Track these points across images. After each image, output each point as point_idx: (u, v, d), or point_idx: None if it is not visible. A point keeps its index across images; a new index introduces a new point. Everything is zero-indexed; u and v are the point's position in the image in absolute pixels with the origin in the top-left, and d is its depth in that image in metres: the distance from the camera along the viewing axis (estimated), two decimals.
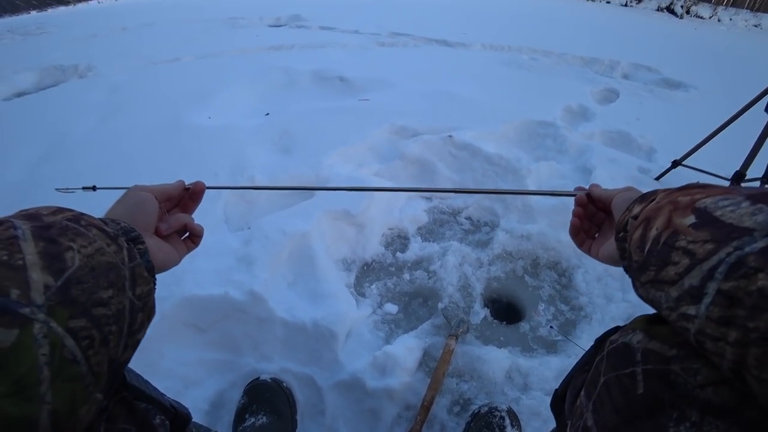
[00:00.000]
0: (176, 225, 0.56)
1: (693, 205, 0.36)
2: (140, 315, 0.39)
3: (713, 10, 8.74)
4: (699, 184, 0.42)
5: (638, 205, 0.46)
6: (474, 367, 1.14)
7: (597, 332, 1.27)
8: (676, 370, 0.33)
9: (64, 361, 0.29)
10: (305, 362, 1.12)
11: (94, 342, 0.32)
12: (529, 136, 2.22)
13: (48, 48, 4.46)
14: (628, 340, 0.40)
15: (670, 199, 0.40)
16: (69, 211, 0.39)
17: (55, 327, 0.29)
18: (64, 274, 0.31)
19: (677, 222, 0.36)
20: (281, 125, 2.13)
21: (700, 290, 0.31)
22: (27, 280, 0.29)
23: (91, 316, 0.32)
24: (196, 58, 3.72)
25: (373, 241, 1.52)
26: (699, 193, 0.37)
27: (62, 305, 0.30)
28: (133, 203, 0.51)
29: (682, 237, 0.34)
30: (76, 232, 0.35)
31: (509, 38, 4.34)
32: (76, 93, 3.06)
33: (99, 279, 0.34)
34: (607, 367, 0.41)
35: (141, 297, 0.40)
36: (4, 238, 0.31)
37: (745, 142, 1.59)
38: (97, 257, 0.35)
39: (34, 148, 2.15)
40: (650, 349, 0.36)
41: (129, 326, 0.37)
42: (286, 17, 5.44)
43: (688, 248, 0.33)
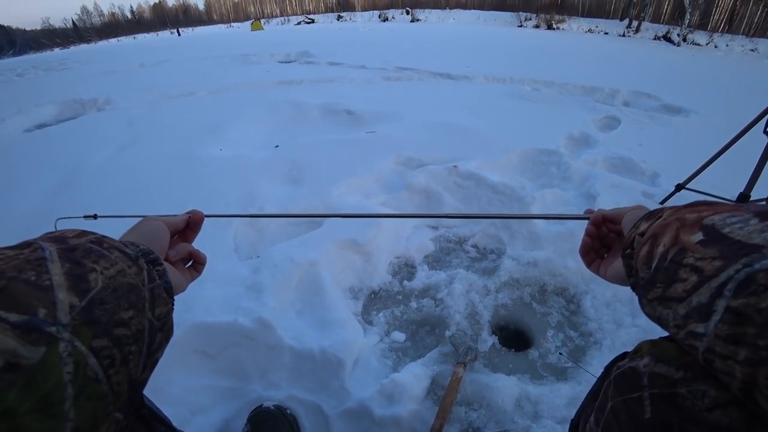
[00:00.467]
0: (183, 252, 0.58)
1: (700, 222, 0.36)
2: (159, 335, 0.41)
3: (709, 37, 8.95)
4: (706, 201, 0.42)
5: (645, 222, 0.46)
6: (483, 395, 1.13)
7: (608, 358, 1.26)
8: (683, 393, 0.33)
9: (87, 380, 0.30)
10: (312, 390, 1.12)
11: (115, 361, 0.33)
12: (532, 165, 2.26)
13: (69, 83, 4.69)
14: (635, 364, 0.40)
15: (677, 216, 0.40)
16: (92, 234, 0.41)
17: (80, 346, 0.30)
18: (88, 294, 0.33)
19: (684, 239, 0.36)
20: (290, 157, 2.20)
21: (709, 307, 0.30)
22: (54, 299, 0.30)
23: (113, 336, 0.33)
24: (209, 93, 3.88)
25: (380, 269, 1.54)
26: (706, 210, 0.37)
27: (86, 325, 0.31)
28: (147, 231, 0.53)
29: (689, 254, 0.34)
30: (99, 254, 0.37)
31: (511, 70, 4.48)
32: (93, 125, 3.19)
33: (120, 300, 0.35)
34: (614, 391, 0.41)
35: (160, 317, 0.41)
36: (33, 259, 0.33)
37: (747, 164, 1.61)
38: (118, 279, 0.37)
39: (51, 177, 2.23)
40: (656, 373, 0.36)
41: (148, 346, 0.38)
42: (296, 54, 5.67)
43: (696, 265, 0.33)
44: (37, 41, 9.73)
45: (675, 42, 8.70)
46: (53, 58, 7.10)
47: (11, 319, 0.27)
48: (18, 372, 0.26)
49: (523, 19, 22.63)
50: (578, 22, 20.88)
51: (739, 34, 9.19)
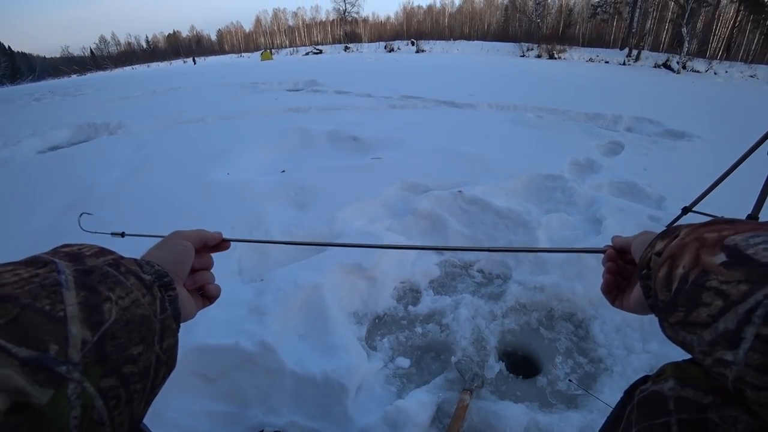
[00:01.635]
0: (200, 281, 0.56)
1: (722, 242, 0.34)
2: (163, 369, 0.39)
3: (709, 65, 9.10)
4: (725, 219, 0.40)
5: (661, 241, 0.44)
6: (490, 424, 1.09)
7: (619, 385, 1.23)
8: (714, 419, 0.31)
9: (93, 424, 0.29)
10: (314, 416, 1.09)
11: (120, 402, 0.32)
12: (537, 190, 2.27)
13: (83, 107, 4.84)
14: (659, 388, 0.38)
15: (695, 235, 0.38)
16: (110, 253, 0.40)
17: (88, 387, 0.29)
18: (101, 328, 0.31)
19: (706, 260, 0.34)
20: (297, 182, 2.23)
21: (737, 335, 0.28)
22: (66, 335, 0.29)
23: (121, 375, 0.32)
24: (218, 119, 3.98)
25: (384, 294, 1.53)
26: (726, 229, 0.36)
27: (97, 363, 0.30)
28: (174, 251, 0.50)
29: (712, 276, 0.32)
30: (116, 280, 0.36)
31: (514, 98, 4.56)
32: (105, 148, 3.27)
33: (132, 334, 0.34)
34: (638, 417, 0.39)
35: (167, 350, 0.39)
36: (48, 284, 0.31)
37: (754, 185, 1.60)
38: (132, 310, 0.35)
39: (61, 197, 2.27)
40: (684, 397, 0.35)
41: (152, 381, 0.37)
42: (304, 82, 5.84)
43: (720, 289, 0.31)
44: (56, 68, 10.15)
45: (675, 69, 8.85)
46: (70, 84, 7.36)
47: (21, 355, 0.26)
48: (24, 414, 0.25)
49: (525, 50, 23.23)
50: (579, 52, 21.40)
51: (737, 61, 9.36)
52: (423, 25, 56.16)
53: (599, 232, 1.81)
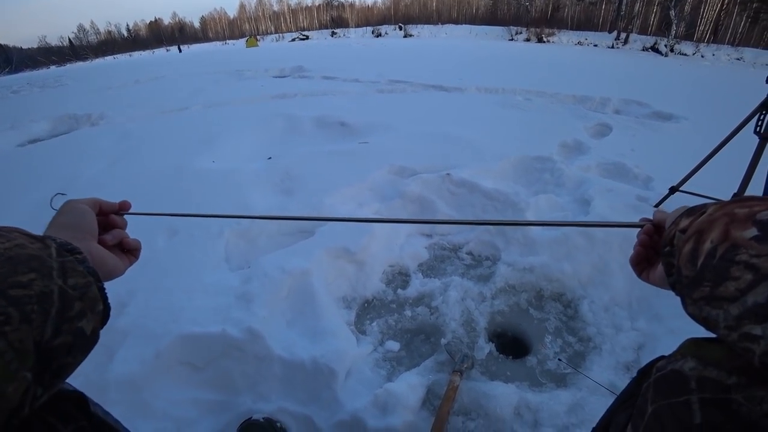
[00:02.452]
0: (118, 236, 0.59)
1: (753, 217, 0.34)
2: (77, 303, 0.40)
3: (696, 47, 9.14)
4: (755, 196, 0.39)
5: (686, 218, 0.44)
6: (480, 404, 1.10)
7: (608, 363, 1.24)
8: (739, 399, 0.31)
9: None
10: (304, 402, 1.09)
11: (11, 319, 0.33)
12: (526, 171, 2.26)
13: (64, 99, 4.70)
14: (679, 367, 0.37)
15: (725, 211, 0.38)
16: None
17: None
18: None
19: (736, 235, 0.34)
20: (283, 168, 2.19)
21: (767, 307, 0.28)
22: None
23: (7, 296, 0.33)
24: (203, 107, 3.89)
25: (373, 278, 1.51)
26: (758, 205, 0.35)
27: None
28: (73, 213, 0.53)
29: (742, 250, 0.32)
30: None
31: (503, 81, 4.53)
32: (87, 139, 3.18)
33: (18, 266, 0.36)
34: (655, 395, 0.38)
35: (76, 287, 0.40)
36: None
37: (739, 165, 1.62)
38: (15, 250, 0.37)
39: (43, 190, 2.21)
40: (706, 377, 0.34)
41: (61, 310, 0.37)
42: (290, 69, 5.73)
43: (751, 263, 0.31)
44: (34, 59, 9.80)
45: (663, 52, 8.87)
46: (49, 76, 7.14)
47: None
48: None
49: (513, 33, 23.06)
50: (568, 35, 21.32)
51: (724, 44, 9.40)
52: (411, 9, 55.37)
53: (587, 212, 1.81)
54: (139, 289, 1.33)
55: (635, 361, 1.25)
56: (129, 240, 0.61)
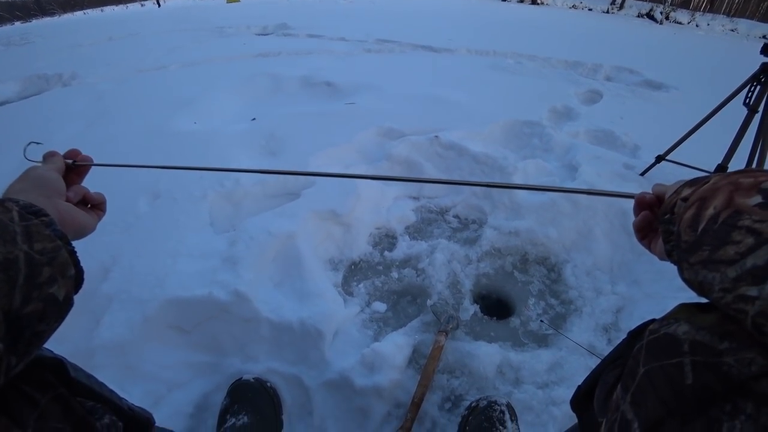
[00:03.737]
0: (80, 193, 0.58)
1: (758, 185, 0.35)
2: (46, 269, 0.38)
3: (691, 16, 8.99)
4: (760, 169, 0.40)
5: (688, 187, 0.44)
6: (464, 363, 1.13)
7: (587, 324, 1.27)
8: (729, 361, 0.32)
9: None
10: (292, 362, 1.10)
11: None
12: (515, 136, 2.24)
13: (32, 58, 4.42)
14: (672, 330, 0.37)
15: (729, 180, 0.38)
16: None
17: None
18: None
19: (740, 201, 0.35)
20: (268, 129, 2.12)
21: (766, 270, 0.29)
22: None
23: None
24: (182, 66, 3.71)
25: (360, 240, 1.51)
26: (763, 175, 0.36)
27: None
28: (37, 176, 0.51)
29: (746, 216, 0.33)
30: None
31: (494, 43, 4.40)
32: (59, 101, 3.02)
33: None
34: (647, 357, 0.39)
35: (44, 252, 0.39)
36: None
37: (726, 136, 1.62)
38: None
39: (15, 154, 2.10)
40: (699, 341, 0.35)
41: (28, 277, 0.36)
42: (273, 26, 5.46)
43: (753, 227, 0.32)
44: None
45: (658, 20, 8.71)
46: (13, 32, 6.67)
47: None
48: None
49: None
50: None
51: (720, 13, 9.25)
52: None
53: (574, 178, 1.82)
54: (123, 254, 1.30)
55: (614, 324, 1.29)
56: (91, 194, 0.59)
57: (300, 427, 1.03)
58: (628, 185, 1.82)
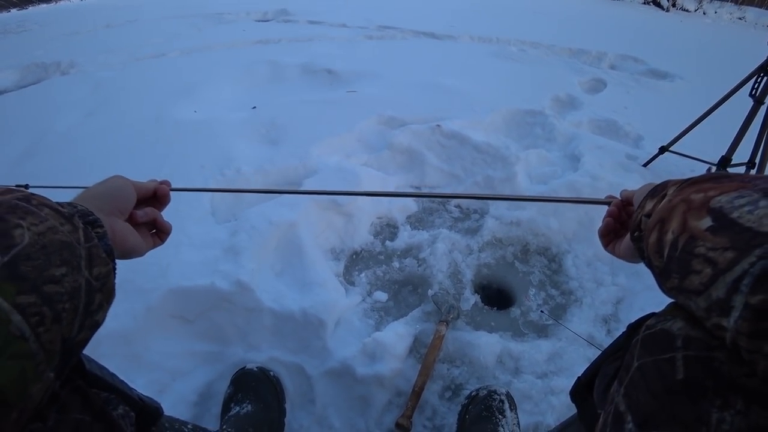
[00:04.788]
0: (151, 215, 0.57)
1: (707, 204, 0.34)
2: (98, 296, 0.38)
3: (698, 3, 8.82)
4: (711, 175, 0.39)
5: (650, 201, 0.45)
6: (465, 353, 1.14)
7: (587, 315, 1.28)
8: (721, 357, 0.32)
9: (12, 338, 0.28)
10: (294, 351, 1.11)
11: (45, 319, 0.31)
12: (517, 125, 2.22)
13: (29, 46, 4.36)
14: (668, 327, 0.37)
15: (682, 197, 0.38)
16: (19, 191, 0.38)
17: (1, 303, 0.28)
18: (11, 250, 0.31)
19: (693, 225, 0.34)
20: (268, 117, 2.11)
21: (727, 303, 0.29)
22: None
23: (42, 293, 0.31)
24: (181, 54, 3.66)
25: (361, 230, 1.51)
26: (712, 189, 0.35)
27: (9, 280, 0.29)
28: (115, 186, 0.51)
29: (700, 243, 0.33)
30: (27, 210, 0.35)
31: (497, 30, 4.34)
32: (58, 90, 2.99)
33: (51, 257, 0.33)
34: (642, 351, 0.39)
35: (99, 278, 0.39)
36: None
37: (731, 128, 1.61)
38: (48, 235, 0.34)
39: (14, 144, 2.10)
40: (692, 336, 0.35)
41: (86, 306, 0.36)
42: (273, 12, 5.38)
43: (708, 256, 0.31)
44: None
45: (664, 7, 8.55)
46: (10, 20, 6.58)
47: None
48: None
49: None
50: None
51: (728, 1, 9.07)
52: None
53: (576, 168, 1.81)
54: None
55: (613, 315, 1.30)
56: (161, 221, 0.59)
57: (302, 415, 1.04)
58: (631, 176, 1.81)
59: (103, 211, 0.47)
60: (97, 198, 0.48)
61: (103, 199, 0.48)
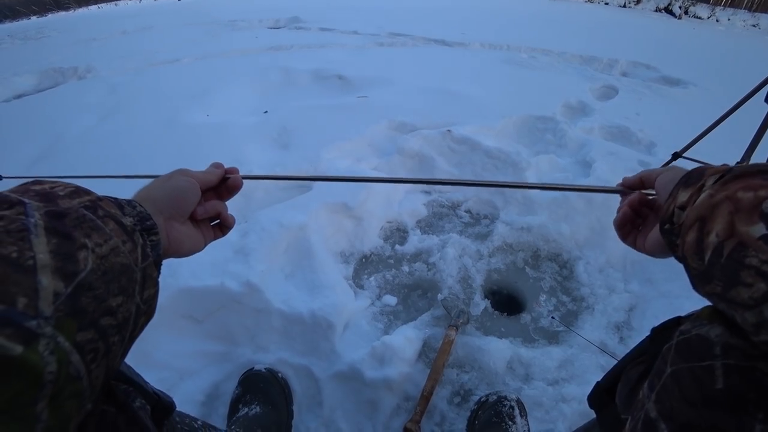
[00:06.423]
0: (212, 211, 0.54)
1: (759, 206, 0.30)
2: (143, 318, 0.37)
3: (711, 11, 8.75)
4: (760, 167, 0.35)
5: (683, 190, 0.40)
6: (475, 358, 1.12)
7: (599, 322, 1.26)
8: (764, 368, 0.30)
9: (69, 379, 0.27)
10: (302, 353, 1.11)
11: (98, 355, 0.30)
12: (528, 131, 2.21)
13: (47, 51, 4.48)
14: (705, 332, 0.35)
15: (727, 193, 0.34)
16: (86, 193, 0.36)
17: (63, 342, 0.27)
18: (75, 279, 0.29)
19: (742, 230, 0.30)
20: (280, 122, 2.13)
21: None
22: (36, 286, 0.26)
23: (99, 328, 0.30)
24: (195, 59, 3.73)
25: (371, 233, 1.51)
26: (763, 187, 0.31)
27: (71, 316, 0.28)
28: (177, 188, 0.49)
29: (752, 252, 0.29)
30: (93, 225, 0.33)
31: (508, 38, 4.34)
32: (74, 94, 3.06)
33: (110, 285, 0.32)
34: (676, 357, 0.37)
35: (147, 300, 0.38)
36: (15, 229, 0.28)
37: (746, 134, 1.58)
38: (110, 258, 0.33)
39: (31, 146, 2.15)
40: (732, 345, 0.33)
41: (131, 332, 0.35)
42: (285, 19, 5.46)
43: (762, 270, 0.28)
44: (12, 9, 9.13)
45: (676, 15, 8.49)
46: (30, 27, 6.77)
47: None
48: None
49: None
50: None
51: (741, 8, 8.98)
52: None
53: (588, 174, 1.79)
54: None
55: (626, 322, 1.27)
56: (226, 215, 0.56)
57: (309, 417, 1.03)
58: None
59: (163, 214, 0.45)
60: (158, 201, 0.46)
61: (164, 201, 0.46)
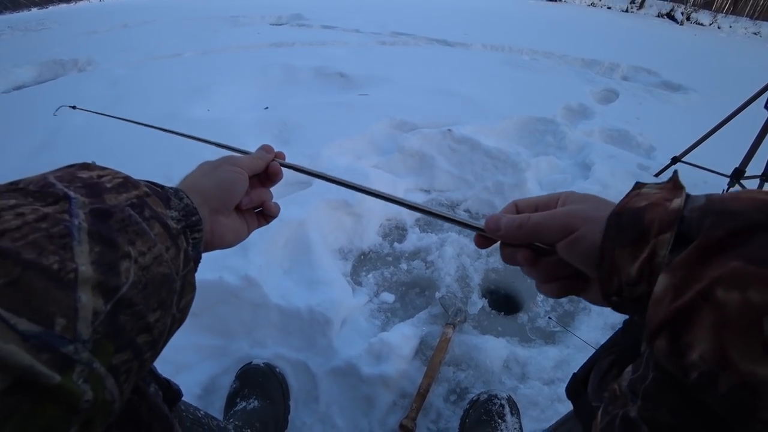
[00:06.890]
0: (257, 201, 0.52)
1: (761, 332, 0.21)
2: (176, 326, 0.35)
3: (713, 18, 8.79)
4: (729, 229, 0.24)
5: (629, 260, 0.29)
6: (471, 356, 1.13)
7: (596, 323, 1.26)
8: None
9: (104, 404, 0.26)
10: (299, 348, 1.11)
11: (131, 375, 0.28)
12: (528, 132, 2.22)
13: (48, 43, 4.46)
14: None
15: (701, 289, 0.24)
16: (134, 187, 0.33)
17: (98, 368, 0.25)
18: (116, 294, 0.27)
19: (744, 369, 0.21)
20: (280, 118, 2.13)
21: None
22: (75, 305, 0.24)
23: (135, 347, 0.28)
24: (196, 54, 3.72)
25: (370, 231, 1.51)
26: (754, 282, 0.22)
27: (108, 338, 0.26)
28: (225, 179, 0.46)
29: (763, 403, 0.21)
30: (138, 229, 0.30)
31: (510, 39, 4.35)
32: (74, 86, 3.05)
33: (150, 299, 0.30)
34: None
35: (183, 309, 0.35)
36: (57, 234, 0.25)
37: (745, 140, 1.59)
38: (152, 269, 0.30)
39: (31, 138, 2.14)
40: None
41: (162, 344, 0.33)
42: (288, 16, 5.46)
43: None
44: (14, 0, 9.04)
45: (678, 21, 8.53)
46: (31, 18, 6.74)
47: (21, 328, 0.22)
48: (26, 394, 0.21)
49: None
50: None
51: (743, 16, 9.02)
52: None
53: (587, 176, 1.80)
54: None
55: (621, 323, 1.28)
56: (270, 204, 0.54)
57: (305, 412, 1.03)
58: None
59: (208, 206, 0.43)
60: (205, 192, 0.43)
61: (211, 193, 0.44)
